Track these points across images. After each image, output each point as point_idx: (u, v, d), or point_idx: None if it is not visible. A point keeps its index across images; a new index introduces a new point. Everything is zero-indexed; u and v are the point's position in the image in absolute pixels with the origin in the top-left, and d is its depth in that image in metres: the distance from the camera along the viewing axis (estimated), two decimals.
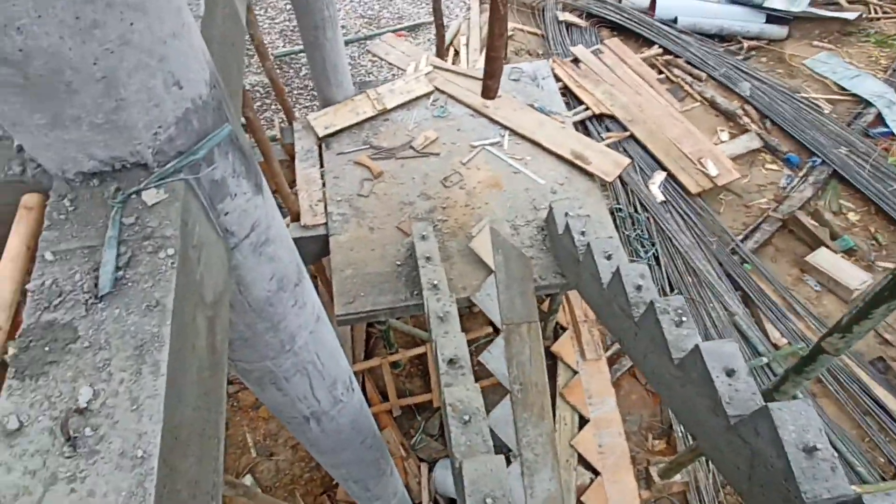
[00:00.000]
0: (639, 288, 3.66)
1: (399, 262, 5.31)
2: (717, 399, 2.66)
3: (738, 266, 6.77)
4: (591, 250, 4.26)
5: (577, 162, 5.79)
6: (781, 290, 6.56)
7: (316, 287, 7.41)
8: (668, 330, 3.15)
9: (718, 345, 2.78)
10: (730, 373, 2.69)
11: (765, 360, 5.95)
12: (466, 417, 2.62)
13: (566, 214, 5.05)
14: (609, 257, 4.18)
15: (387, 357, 6.30)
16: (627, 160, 5.76)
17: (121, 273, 1.08)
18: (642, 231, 7.11)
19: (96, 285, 1.05)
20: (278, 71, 8.86)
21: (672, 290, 6.63)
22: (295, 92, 8.87)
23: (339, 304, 5.07)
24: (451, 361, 3.14)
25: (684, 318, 3.15)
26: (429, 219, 5.50)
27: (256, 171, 1.54)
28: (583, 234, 4.69)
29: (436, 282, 4.29)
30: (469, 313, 6.83)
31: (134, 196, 1.18)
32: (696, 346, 2.79)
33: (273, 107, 8.71)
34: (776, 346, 6.10)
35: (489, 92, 4.77)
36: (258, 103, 8.72)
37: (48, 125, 1.05)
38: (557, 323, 6.43)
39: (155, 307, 1.04)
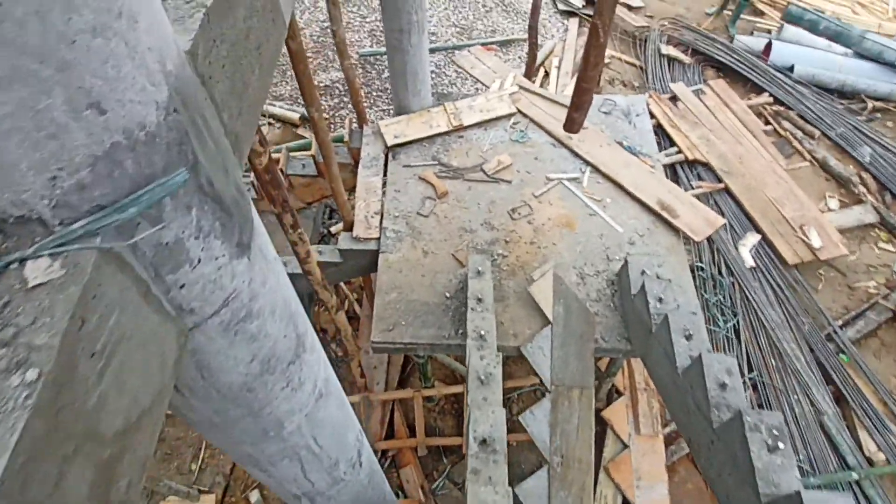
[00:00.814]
0: (723, 386, 3.03)
1: (448, 295, 4.85)
2: None
3: (833, 356, 5.89)
4: (669, 324, 3.65)
5: (663, 213, 5.15)
6: (884, 393, 5.63)
7: (360, 300, 7.08)
8: (758, 454, 2.53)
9: (828, 497, 2.15)
10: None
11: (854, 475, 5.06)
12: None
13: (643, 273, 4.43)
14: (689, 337, 3.55)
15: (421, 390, 5.85)
16: (721, 220, 5.07)
17: None
18: (724, 297, 6.33)
19: None
20: (360, 70, 8.66)
21: (751, 370, 5.84)
22: (374, 93, 8.61)
23: (376, 330, 4.66)
24: (483, 442, 2.64)
25: (781, 444, 2.52)
26: (488, 252, 5.02)
27: (243, 226, 1.11)
28: (660, 300, 4.07)
29: (483, 332, 3.80)
30: (518, 355, 6.28)
31: (15, 266, 0.77)
32: (798, 494, 2.16)
33: (350, 105, 8.48)
34: (870, 462, 5.20)
35: (573, 125, 4.26)
36: (336, 100, 8.52)
37: None
38: (614, 385, 5.79)
39: None
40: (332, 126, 8.15)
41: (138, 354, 0.91)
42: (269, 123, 7.94)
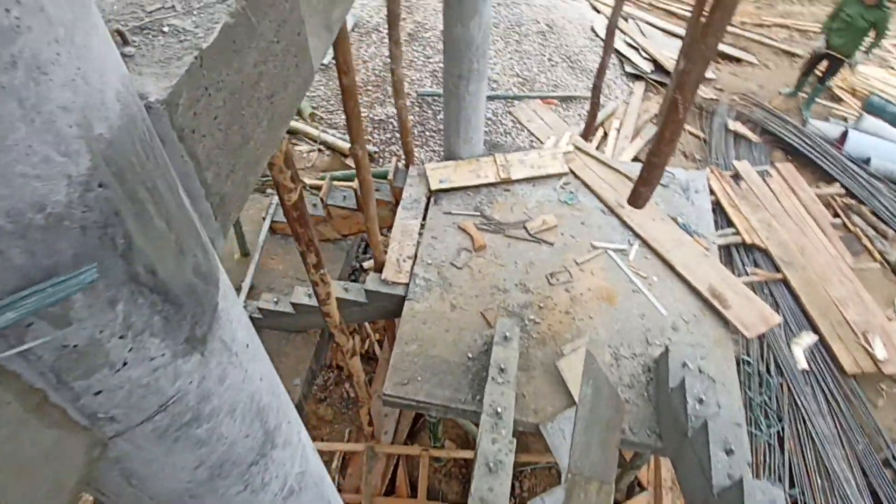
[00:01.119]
0: None
1: (471, 355, 4.57)
2: None
3: (890, 485, 5.28)
4: (708, 433, 3.27)
5: (714, 301, 4.77)
6: None
7: (381, 342, 6.85)
8: None
9: None
10: None
11: None
12: None
13: (684, 365, 4.06)
14: (729, 452, 3.17)
15: (429, 448, 5.51)
16: (778, 318, 4.66)
17: None
18: (771, 398, 5.82)
19: None
20: (417, 109, 8.65)
21: (792, 486, 5.28)
22: (427, 133, 8.56)
23: (390, 382, 4.42)
24: None
25: None
26: (519, 316, 4.74)
27: (198, 318, 0.90)
28: (700, 401, 3.69)
29: (500, 408, 3.49)
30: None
31: None
32: None
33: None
34: None
35: (639, 199, 3.99)
36: (388, 134, 8.50)
37: None
38: (637, 478, 5.32)
39: None
40: (381, 160, 8.10)
41: (15, 486, 0.69)
42: (319, 150, 7.96)
